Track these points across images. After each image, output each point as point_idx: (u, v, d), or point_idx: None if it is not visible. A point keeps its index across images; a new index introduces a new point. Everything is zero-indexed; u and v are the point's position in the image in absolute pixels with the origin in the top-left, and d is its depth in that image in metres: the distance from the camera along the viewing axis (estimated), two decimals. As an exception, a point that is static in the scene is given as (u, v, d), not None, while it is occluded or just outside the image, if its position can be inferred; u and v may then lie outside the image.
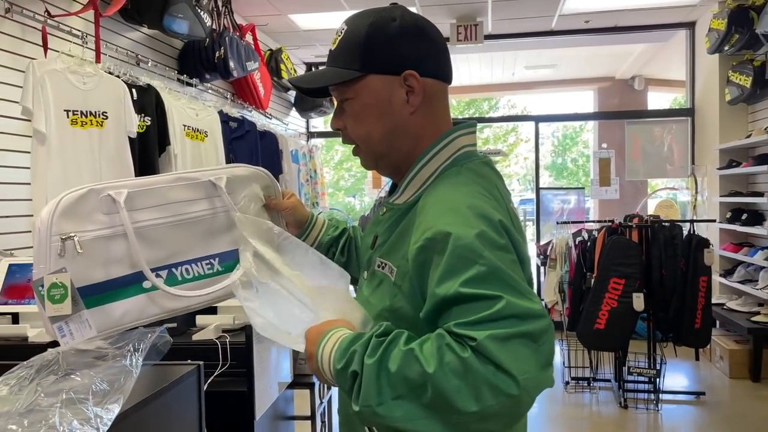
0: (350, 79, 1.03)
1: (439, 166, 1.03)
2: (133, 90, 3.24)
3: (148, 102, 3.36)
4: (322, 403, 2.61)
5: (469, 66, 7.81)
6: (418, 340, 0.87)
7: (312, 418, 2.48)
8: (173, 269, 1.22)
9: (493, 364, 0.81)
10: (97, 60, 3.19)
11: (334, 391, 3.32)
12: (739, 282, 5.03)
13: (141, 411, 1.12)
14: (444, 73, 1.06)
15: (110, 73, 3.17)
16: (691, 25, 6.07)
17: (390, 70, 1.01)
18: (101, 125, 3.00)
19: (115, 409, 1.01)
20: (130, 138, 3.13)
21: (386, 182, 7.17)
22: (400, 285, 1.00)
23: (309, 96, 1.16)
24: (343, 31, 1.05)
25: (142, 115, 3.31)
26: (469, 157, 1.05)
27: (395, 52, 1.01)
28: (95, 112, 2.97)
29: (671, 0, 5.40)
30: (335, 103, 1.12)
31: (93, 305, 1.14)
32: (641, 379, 4.23)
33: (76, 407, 1.00)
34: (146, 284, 1.18)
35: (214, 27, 4.21)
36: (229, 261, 1.27)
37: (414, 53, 1.02)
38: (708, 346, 4.75)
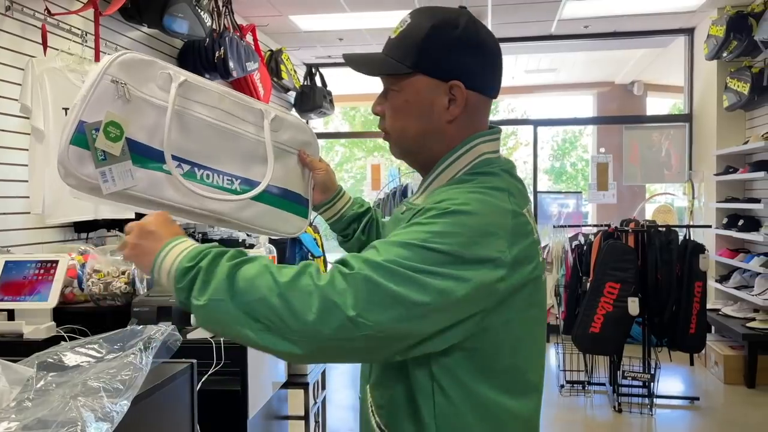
0: (396, 74, 1.04)
1: (458, 172, 1.04)
2: (132, 89, 3.24)
3: (147, 101, 3.37)
4: (316, 403, 2.62)
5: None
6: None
7: (306, 417, 2.49)
8: (195, 168, 1.21)
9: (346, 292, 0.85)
10: (97, 59, 3.20)
11: (329, 392, 3.33)
12: (735, 288, 5.05)
13: (133, 408, 1.13)
14: (490, 89, 1.07)
15: (109, 71, 3.17)
16: (690, 32, 6.09)
17: (438, 75, 1.02)
18: (100, 124, 3.00)
19: (125, 405, 1.03)
20: (128, 137, 3.13)
21: (385, 184, 7.15)
22: None
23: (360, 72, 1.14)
24: (405, 24, 1.05)
25: (141, 114, 3.31)
26: (489, 164, 1.04)
27: (448, 59, 1.02)
28: (94, 111, 2.97)
29: (670, 6, 5.42)
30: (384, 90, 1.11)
31: None
32: (636, 383, 4.24)
33: (89, 402, 1.02)
34: (165, 166, 1.18)
35: (214, 27, 4.22)
36: (249, 188, 1.27)
37: (466, 65, 1.02)
38: (703, 352, 4.77)
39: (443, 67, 1.02)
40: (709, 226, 5.23)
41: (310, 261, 0.89)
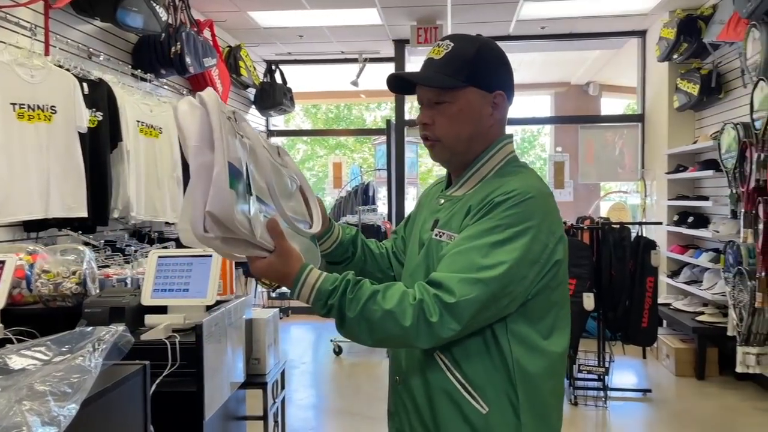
0: (453, 87, 1.25)
1: (494, 167, 1.30)
2: (84, 84, 3.16)
3: (99, 96, 3.29)
4: (275, 403, 2.60)
5: (428, 68, 7.86)
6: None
7: (264, 418, 2.46)
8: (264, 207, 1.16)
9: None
10: (46, 53, 3.11)
11: (288, 391, 3.30)
12: (685, 283, 5.21)
13: (83, 411, 1.10)
14: (512, 97, 1.34)
15: (60, 66, 3.09)
16: (642, 34, 6.25)
17: (486, 87, 1.27)
18: (49, 119, 2.92)
19: (74, 409, 1.00)
20: (80, 133, 3.05)
21: (346, 182, 7.12)
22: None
23: (395, 92, 1.40)
24: (449, 47, 1.27)
25: (93, 109, 3.23)
26: (516, 161, 1.33)
27: (494, 74, 1.29)
28: (43, 106, 2.89)
29: (624, 8, 5.55)
30: (422, 101, 1.31)
31: None
32: (591, 376, 4.33)
33: (35, 406, 0.98)
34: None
35: (170, 22, 4.14)
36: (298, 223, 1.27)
37: (504, 79, 1.30)
38: (655, 345, 4.90)
39: (490, 81, 1.27)
40: (661, 223, 5.38)
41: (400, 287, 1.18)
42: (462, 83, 1.25)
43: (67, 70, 3.10)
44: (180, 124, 1.04)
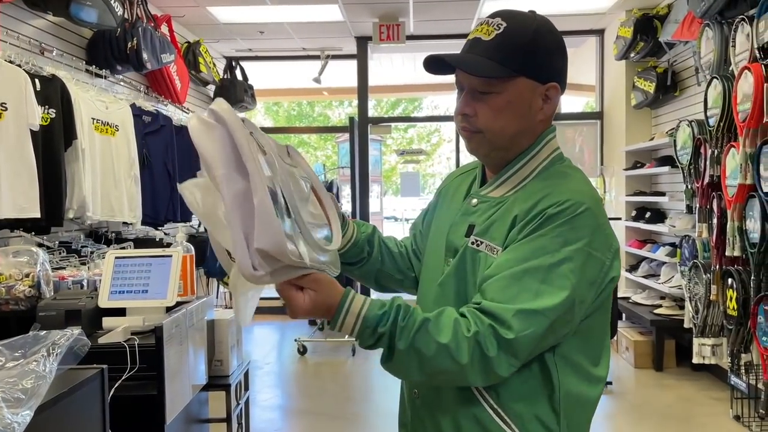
0: (503, 76, 1.08)
1: (537, 166, 1.14)
2: (36, 80, 3.05)
3: (52, 93, 3.18)
4: (238, 404, 2.56)
5: (392, 65, 7.87)
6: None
7: (228, 420, 2.43)
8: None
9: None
10: (-4, 47, 2.99)
11: (252, 392, 3.26)
12: (643, 277, 5.33)
13: (37, 418, 1.06)
14: (564, 88, 1.15)
15: (11, 62, 2.98)
16: (600, 33, 6.36)
17: (539, 78, 1.10)
18: (0, 117, 2.81)
19: (28, 416, 0.96)
20: (32, 131, 2.95)
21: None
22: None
23: (431, 72, 1.19)
24: (501, 27, 1.08)
25: (46, 107, 3.13)
26: (562, 158, 1.17)
27: (550, 63, 1.11)
28: (-7, 103, 2.78)
29: (582, 8, 5.64)
30: (464, 87, 1.14)
31: None
32: (554, 371, 4.39)
33: None
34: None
35: (126, 16, 4.04)
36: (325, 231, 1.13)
37: (560, 68, 1.13)
38: (614, 338, 5.00)
39: (545, 71, 1.10)
40: (620, 219, 5.50)
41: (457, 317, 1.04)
42: (513, 72, 1.08)
43: (18, 65, 2.99)
44: (200, 149, 0.90)
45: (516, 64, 1.08)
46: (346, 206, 7.35)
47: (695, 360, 3.97)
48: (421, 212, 1.41)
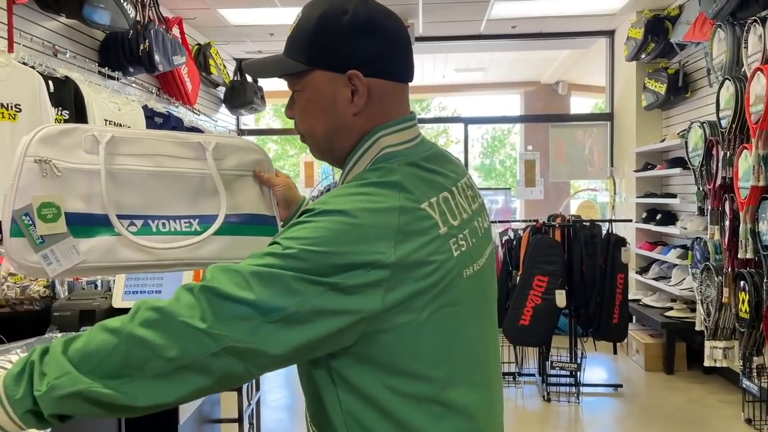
0: (298, 72, 0.98)
1: (363, 170, 0.97)
2: (50, 82, 3.08)
3: (66, 95, 3.21)
4: (250, 405, 2.57)
5: (400, 67, 7.88)
6: None
7: (239, 420, 2.43)
8: (149, 220, 1.18)
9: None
10: (10, 49, 3.02)
11: (263, 393, 3.27)
12: (654, 279, 5.30)
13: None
14: (397, 73, 0.99)
15: (24, 63, 3.00)
16: (610, 34, 6.34)
17: (335, 68, 0.95)
18: (14, 118, 2.84)
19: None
20: (46, 132, 2.97)
21: (318, 181, 7.07)
22: None
23: (259, 77, 1.11)
24: (297, 19, 0.99)
25: (60, 108, 3.15)
26: (388, 159, 0.95)
27: (341, 49, 0.94)
28: (7, 105, 2.81)
29: (592, 9, 5.63)
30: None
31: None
32: (563, 373, 4.38)
33: None
34: (115, 229, 1.14)
35: (138, 19, 4.07)
36: (209, 224, 1.23)
37: (361, 52, 0.95)
38: (625, 341, 4.98)
39: (337, 59, 0.95)
40: (630, 221, 5.47)
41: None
42: (303, 66, 0.97)
43: (32, 67, 3.02)
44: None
45: (304, 57, 0.96)
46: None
47: (707, 363, 3.94)
48: None
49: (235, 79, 6.28)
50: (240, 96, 6.15)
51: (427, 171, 0.96)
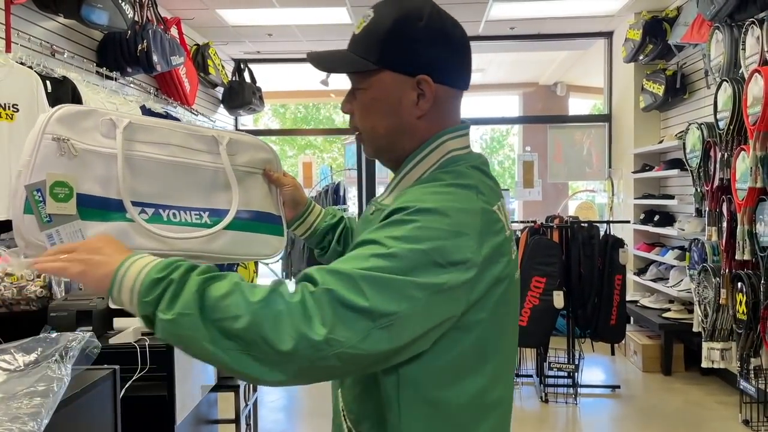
0: (364, 71, 1.00)
1: (426, 170, 1.01)
2: (47, 82, 3.07)
3: (63, 95, 3.20)
4: (247, 405, 2.57)
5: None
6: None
7: (236, 421, 2.43)
8: (160, 209, 1.18)
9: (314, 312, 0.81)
10: (8, 49, 3.02)
11: (261, 393, 3.27)
12: (652, 280, 5.31)
13: (51, 418, 1.06)
14: (459, 81, 1.03)
15: (22, 63, 3.00)
16: (609, 35, 6.34)
17: (405, 71, 0.99)
18: (11, 118, 2.83)
19: (45, 418, 0.98)
20: (43, 132, 2.97)
21: (317, 182, 7.08)
22: None
23: (324, 71, 1.11)
24: (368, 18, 1.01)
25: (57, 108, 3.15)
26: (456, 161, 1.01)
27: (415, 54, 0.98)
28: (5, 105, 2.81)
29: (591, 10, 5.63)
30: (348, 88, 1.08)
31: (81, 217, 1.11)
32: (561, 374, 4.38)
33: (9, 413, 0.96)
34: (128, 215, 1.13)
35: (136, 19, 4.06)
36: (219, 218, 1.23)
37: (433, 59, 0.99)
38: (623, 342, 4.98)
39: (410, 62, 0.98)
40: (628, 222, 5.48)
41: (282, 279, 0.86)
42: (373, 66, 0.99)
43: (30, 67, 3.01)
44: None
45: (375, 56, 0.98)
46: (353, 208, 7.36)
47: (704, 364, 3.95)
48: None
49: (234, 79, 6.27)
50: (238, 96, 6.15)
51: (488, 177, 1.03)
